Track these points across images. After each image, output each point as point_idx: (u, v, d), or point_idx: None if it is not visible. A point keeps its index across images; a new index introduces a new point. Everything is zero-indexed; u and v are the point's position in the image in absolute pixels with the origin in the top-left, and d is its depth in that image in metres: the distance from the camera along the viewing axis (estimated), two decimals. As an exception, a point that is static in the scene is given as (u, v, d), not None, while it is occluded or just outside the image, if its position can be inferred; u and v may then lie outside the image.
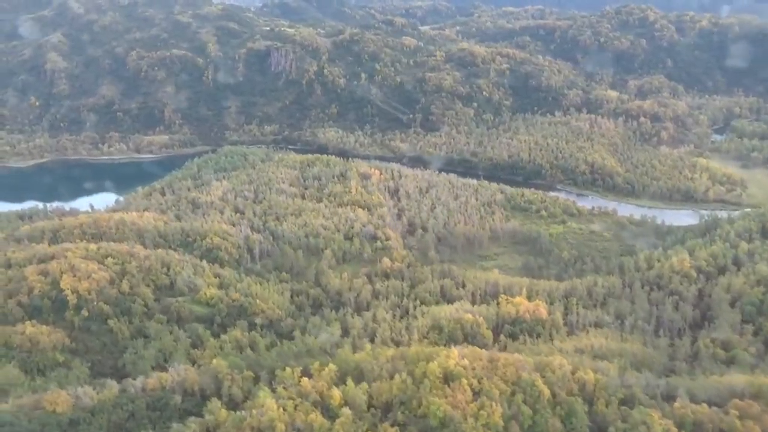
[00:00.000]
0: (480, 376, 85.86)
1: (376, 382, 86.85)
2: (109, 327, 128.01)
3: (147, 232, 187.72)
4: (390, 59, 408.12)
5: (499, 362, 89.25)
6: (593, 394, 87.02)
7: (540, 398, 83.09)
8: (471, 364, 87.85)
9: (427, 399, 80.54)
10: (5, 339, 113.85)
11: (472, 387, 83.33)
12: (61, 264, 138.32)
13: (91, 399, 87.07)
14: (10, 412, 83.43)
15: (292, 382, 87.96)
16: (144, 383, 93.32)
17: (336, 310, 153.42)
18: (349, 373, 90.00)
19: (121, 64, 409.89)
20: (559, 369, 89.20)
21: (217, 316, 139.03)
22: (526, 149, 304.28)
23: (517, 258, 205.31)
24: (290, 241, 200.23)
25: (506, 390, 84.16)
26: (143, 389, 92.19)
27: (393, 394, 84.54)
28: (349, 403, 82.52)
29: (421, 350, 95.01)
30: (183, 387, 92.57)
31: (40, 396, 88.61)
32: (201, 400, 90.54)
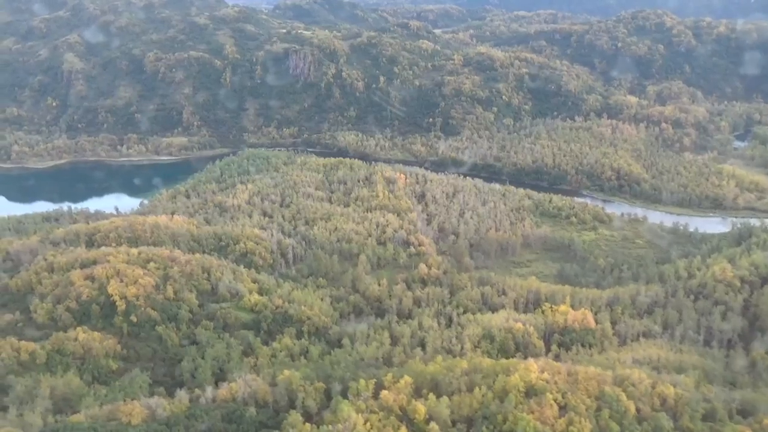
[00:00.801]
0: (563, 390, 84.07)
1: (454, 395, 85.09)
2: (157, 333, 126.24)
3: (181, 236, 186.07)
4: (408, 62, 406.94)
5: (579, 376, 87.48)
6: (675, 409, 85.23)
7: (626, 414, 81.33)
8: (552, 377, 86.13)
9: (513, 414, 78.75)
10: (59, 345, 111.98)
11: (557, 402, 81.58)
12: (107, 269, 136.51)
13: (163, 410, 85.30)
14: (85, 423, 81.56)
15: (368, 394, 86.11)
16: (215, 394, 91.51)
17: (379, 318, 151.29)
18: (424, 385, 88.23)
19: (139, 65, 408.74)
20: (639, 383, 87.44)
21: (263, 322, 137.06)
22: (550, 154, 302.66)
23: (551, 265, 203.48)
24: (322, 246, 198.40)
25: (591, 405, 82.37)
26: (214, 400, 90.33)
27: (474, 408, 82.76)
28: (433, 417, 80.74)
29: (497, 363, 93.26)
30: (255, 398, 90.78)
31: (113, 407, 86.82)
32: (274, 413, 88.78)
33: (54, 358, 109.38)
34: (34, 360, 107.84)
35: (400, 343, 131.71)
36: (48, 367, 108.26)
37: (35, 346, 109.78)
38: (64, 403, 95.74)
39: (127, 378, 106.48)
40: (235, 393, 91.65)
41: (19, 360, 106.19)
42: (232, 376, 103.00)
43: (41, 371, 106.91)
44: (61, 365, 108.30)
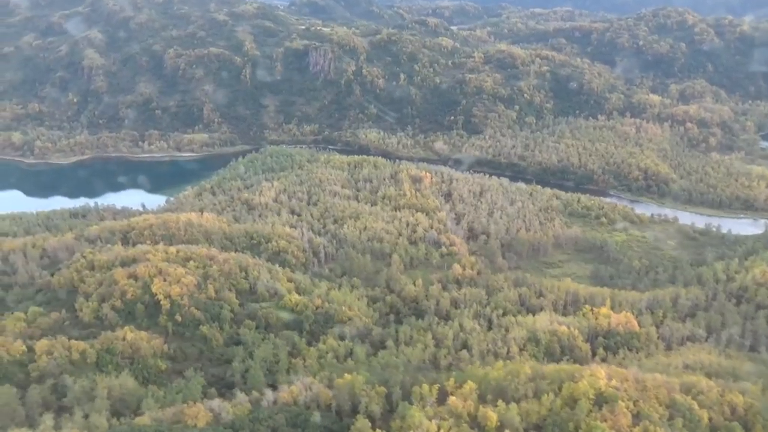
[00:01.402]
0: (634, 398, 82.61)
1: (521, 402, 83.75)
2: (202, 333, 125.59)
3: (214, 234, 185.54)
4: (428, 60, 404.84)
5: (647, 383, 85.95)
6: (745, 418, 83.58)
7: (699, 423, 79.76)
8: (621, 385, 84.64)
9: (586, 422, 77.33)
10: (108, 345, 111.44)
11: (629, 410, 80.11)
12: (149, 268, 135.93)
13: (227, 413, 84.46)
14: (151, 426, 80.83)
15: (433, 399, 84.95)
16: (276, 397, 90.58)
17: (418, 318, 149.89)
18: (488, 391, 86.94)
19: (159, 61, 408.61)
20: (708, 391, 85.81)
21: (305, 323, 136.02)
22: (575, 153, 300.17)
23: (583, 266, 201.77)
24: (353, 245, 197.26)
25: (663, 414, 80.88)
26: (275, 402, 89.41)
27: (542, 415, 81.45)
28: (505, 424, 79.48)
29: (560, 369, 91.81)
30: (317, 402, 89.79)
31: (177, 409, 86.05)
32: (337, 418, 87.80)
33: (104, 358, 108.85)
34: (84, 359, 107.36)
35: (444, 345, 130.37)
36: (98, 366, 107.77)
37: (85, 346, 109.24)
38: (121, 404, 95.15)
39: (182, 379, 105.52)
40: (297, 396, 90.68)
41: (70, 359, 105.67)
42: (288, 378, 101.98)
43: (92, 371, 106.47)
44: (111, 365, 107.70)
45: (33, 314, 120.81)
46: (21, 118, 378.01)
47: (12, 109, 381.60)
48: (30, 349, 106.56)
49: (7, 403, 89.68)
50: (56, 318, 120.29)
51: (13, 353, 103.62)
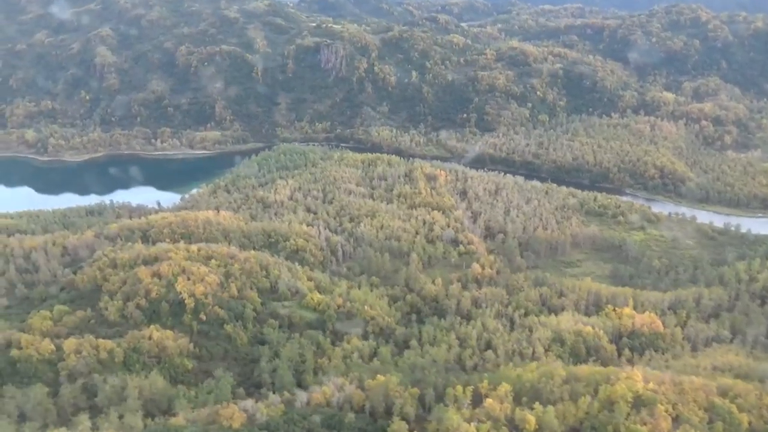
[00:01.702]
0: (673, 401, 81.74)
1: (557, 404, 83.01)
2: (226, 332, 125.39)
3: (232, 233, 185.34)
4: (440, 57, 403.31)
5: (684, 385, 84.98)
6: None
7: (739, 427, 78.85)
8: (659, 387, 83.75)
9: (625, 426, 76.59)
10: (135, 344, 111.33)
11: (668, 413, 79.24)
12: (172, 266, 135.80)
13: (261, 414, 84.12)
14: (187, 427, 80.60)
15: (467, 401, 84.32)
16: (309, 397, 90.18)
17: (440, 318, 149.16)
18: (523, 393, 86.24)
19: (171, 59, 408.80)
20: (746, 394, 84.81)
21: (328, 322, 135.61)
22: (590, 152, 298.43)
23: (602, 265, 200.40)
24: (371, 244, 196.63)
25: (703, 417, 79.99)
26: (308, 403, 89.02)
27: (579, 418, 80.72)
28: (543, 427, 78.81)
29: (595, 371, 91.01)
30: (350, 403, 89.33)
31: (212, 410, 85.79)
32: (371, 419, 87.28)
33: (131, 357, 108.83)
34: (112, 359, 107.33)
35: (468, 345, 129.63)
36: (126, 365, 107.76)
37: (113, 345, 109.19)
38: (152, 404, 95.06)
39: (212, 379, 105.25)
40: (329, 397, 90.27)
41: (98, 358, 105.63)
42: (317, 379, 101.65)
43: (119, 370, 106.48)
44: (138, 364, 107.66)
45: (58, 312, 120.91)
46: (34, 115, 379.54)
47: (25, 106, 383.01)
48: (58, 348, 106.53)
49: (39, 402, 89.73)
50: (82, 317, 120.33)
51: (42, 352, 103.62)
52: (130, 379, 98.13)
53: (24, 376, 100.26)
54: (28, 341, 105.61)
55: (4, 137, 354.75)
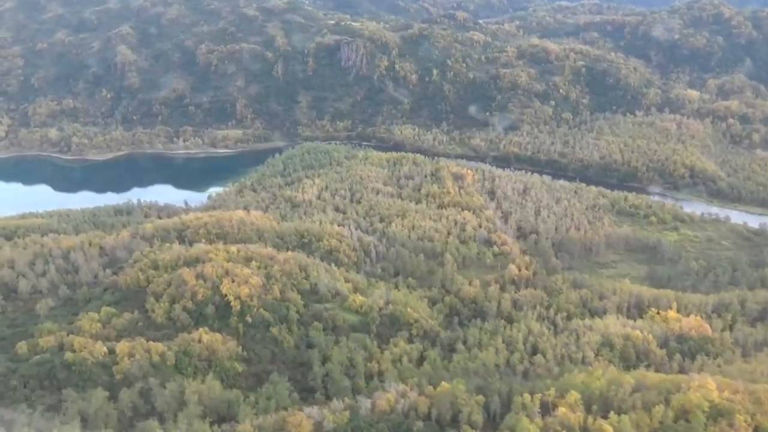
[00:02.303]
0: (750, 411, 79.86)
1: (629, 413, 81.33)
2: (272, 335, 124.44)
3: (266, 233, 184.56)
4: (461, 55, 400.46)
5: (760, 394, 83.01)
6: None
7: (821, 438, 77.00)
8: (735, 396, 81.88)
9: (705, 437, 74.98)
10: (185, 347, 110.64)
11: (747, 424, 77.41)
12: (216, 268, 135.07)
13: (328, 421, 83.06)
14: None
15: (536, 410, 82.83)
16: (373, 404, 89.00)
17: (481, 320, 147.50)
18: (593, 401, 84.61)
19: (191, 57, 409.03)
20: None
21: (372, 325, 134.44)
22: (617, 150, 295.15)
23: (637, 266, 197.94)
24: (403, 244, 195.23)
25: (783, 428, 78.25)
26: (372, 410, 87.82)
27: (654, 427, 79.07)
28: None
29: (664, 378, 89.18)
30: (415, 411, 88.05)
31: (279, 417, 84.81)
32: (438, 427, 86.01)
33: (182, 360, 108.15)
34: (164, 362, 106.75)
35: (516, 349, 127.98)
36: (177, 369, 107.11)
37: (164, 348, 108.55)
38: (210, 409, 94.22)
39: (270, 384, 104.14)
40: (393, 404, 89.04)
41: (151, 361, 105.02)
42: (374, 384, 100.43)
43: (171, 373, 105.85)
44: (190, 367, 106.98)
45: (106, 315, 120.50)
46: (56, 114, 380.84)
47: (48, 105, 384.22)
48: (111, 351, 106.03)
49: (100, 407, 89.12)
50: (129, 319, 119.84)
51: (96, 355, 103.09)
52: (188, 384, 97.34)
53: (79, 380, 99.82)
54: (81, 344, 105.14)
55: (28, 136, 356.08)
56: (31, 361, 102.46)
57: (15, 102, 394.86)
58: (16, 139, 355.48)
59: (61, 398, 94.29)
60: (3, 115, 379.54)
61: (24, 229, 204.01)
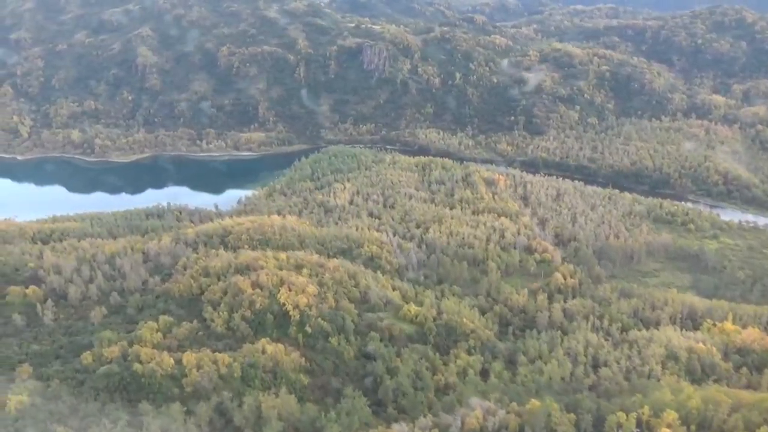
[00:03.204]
0: None
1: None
2: (332, 346, 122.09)
3: (308, 239, 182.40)
4: (483, 58, 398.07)
5: None
6: None
7: None
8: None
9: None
10: (250, 358, 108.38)
11: None
12: (270, 276, 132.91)
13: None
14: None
15: (632, 429, 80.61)
16: (462, 422, 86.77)
17: (530, 330, 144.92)
18: (690, 420, 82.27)
19: (212, 59, 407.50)
20: None
21: (429, 335, 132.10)
22: (647, 156, 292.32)
23: (680, 275, 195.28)
24: (443, 251, 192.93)
25: None
26: (462, 428, 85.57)
27: (760, 450, 76.86)
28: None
29: (761, 396, 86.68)
30: (506, 429, 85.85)
31: None
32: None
33: (248, 372, 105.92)
34: (231, 374, 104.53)
35: (578, 362, 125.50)
36: (244, 381, 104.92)
37: (229, 359, 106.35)
38: (288, 424, 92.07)
39: (344, 398, 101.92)
40: (482, 423, 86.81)
41: (219, 373, 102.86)
42: (450, 400, 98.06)
43: (238, 385, 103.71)
44: (257, 380, 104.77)
45: (165, 324, 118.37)
46: (77, 115, 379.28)
47: (69, 106, 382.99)
48: (177, 362, 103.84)
49: (180, 423, 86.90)
50: (190, 328, 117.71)
51: (164, 367, 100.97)
52: (263, 398, 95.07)
53: (149, 392, 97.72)
54: (148, 355, 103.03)
55: (51, 137, 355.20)
56: (99, 372, 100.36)
57: (36, 103, 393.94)
58: (39, 140, 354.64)
59: (135, 412, 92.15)
60: (25, 116, 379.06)
61: (59, 232, 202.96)
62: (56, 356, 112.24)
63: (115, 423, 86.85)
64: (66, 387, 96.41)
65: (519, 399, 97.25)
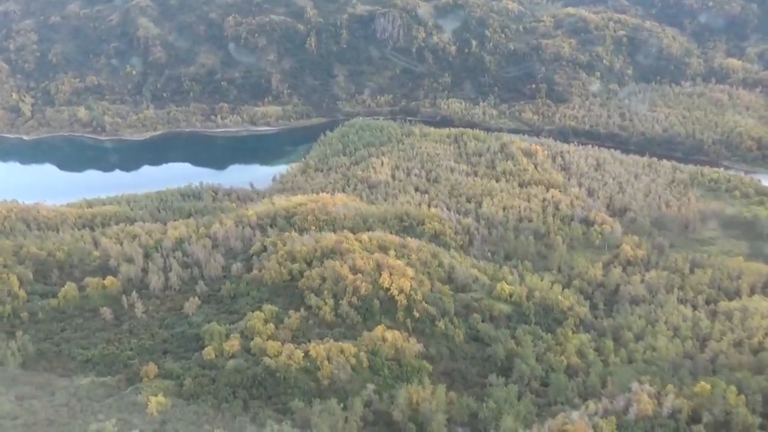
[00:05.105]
0: None
1: None
2: (439, 329, 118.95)
3: (370, 218, 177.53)
4: (498, 25, 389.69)
5: None
6: None
7: None
8: None
9: None
10: (372, 347, 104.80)
11: None
12: (366, 260, 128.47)
13: (600, 428, 78.67)
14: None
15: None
16: (636, 406, 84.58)
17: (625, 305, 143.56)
18: None
19: (217, 30, 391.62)
20: None
21: (528, 314, 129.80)
22: (678, 122, 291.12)
23: (736, 243, 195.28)
24: (503, 225, 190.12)
25: None
26: (636, 414, 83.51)
27: None
28: None
29: None
30: (680, 414, 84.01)
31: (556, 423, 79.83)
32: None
33: (375, 362, 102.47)
34: (360, 364, 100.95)
35: (684, 337, 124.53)
36: (372, 371, 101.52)
37: (354, 349, 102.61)
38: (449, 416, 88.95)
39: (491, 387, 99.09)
40: (654, 406, 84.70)
41: (351, 365, 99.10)
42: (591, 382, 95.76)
43: (368, 376, 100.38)
44: (385, 369, 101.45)
45: (270, 314, 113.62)
46: (81, 92, 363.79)
47: (70, 82, 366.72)
48: (305, 354, 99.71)
49: (345, 419, 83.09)
50: (299, 317, 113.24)
51: (296, 360, 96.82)
52: (411, 390, 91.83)
53: (286, 387, 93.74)
54: (274, 348, 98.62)
55: (56, 116, 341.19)
56: (227, 368, 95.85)
57: (34, 80, 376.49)
58: (43, 119, 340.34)
59: (281, 410, 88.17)
60: (24, 94, 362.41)
61: (100, 217, 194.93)
62: (164, 351, 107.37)
63: (263, 423, 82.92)
64: (198, 385, 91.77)
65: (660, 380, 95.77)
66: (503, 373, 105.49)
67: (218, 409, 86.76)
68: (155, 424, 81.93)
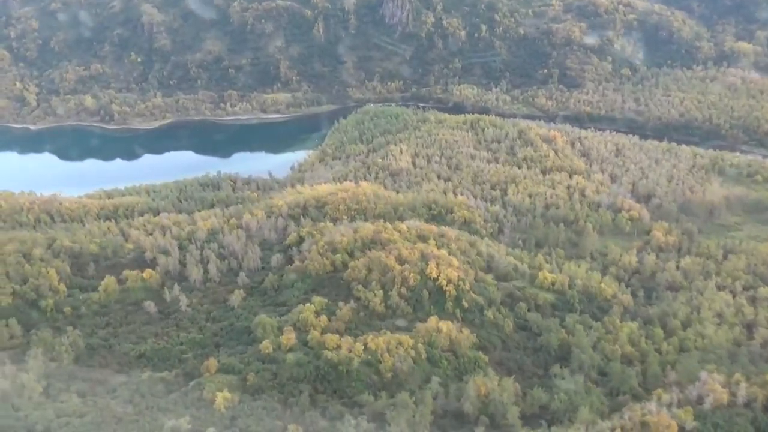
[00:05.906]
0: None
1: None
2: (489, 319, 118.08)
3: (401, 206, 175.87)
4: (507, 9, 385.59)
5: None
6: None
7: None
8: None
9: None
10: (428, 338, 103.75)
11: None
12: (411, 250, 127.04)
13: (681, 419, 78.13)
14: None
15: None
16: (713, 396, 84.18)
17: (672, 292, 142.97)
18: None
19: (223, 16, 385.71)
20: None
21: (574, 303, 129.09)
22: (694, 107, 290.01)
23: (762, 228, 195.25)
24: (531, 212, 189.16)
25: None
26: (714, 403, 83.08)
27: None
28: None
29: None
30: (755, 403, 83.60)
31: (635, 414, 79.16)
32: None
33: (432, 354, 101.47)
34: (420, 356, 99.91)
35: (731, 323, 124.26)
36: (431, 363, 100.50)
37: (411, 341, 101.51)
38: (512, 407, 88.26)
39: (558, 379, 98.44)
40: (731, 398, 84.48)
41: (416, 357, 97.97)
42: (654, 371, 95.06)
43: (427, 368, 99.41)
44: (445, 361, 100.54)
45: (321, 305, 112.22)
46: (85, 80, 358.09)
47: (74, 71, 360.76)
48: (365, 347, 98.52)
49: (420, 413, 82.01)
50: (351, 309, 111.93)
51: (357, 353, 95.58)
52: (479, 381, 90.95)
53: (351, 381, 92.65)
54: (333, 341, 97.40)
55: (62, 105, 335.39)
56: (288, 362, 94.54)
57: (37, 68, 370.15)
58: (50, 108, 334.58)
59: (348, 403, 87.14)
60: (28, 83, 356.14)
61: (123, 208, 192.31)
62: (215, 345, 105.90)
63: (335, 418, 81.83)
64: (262, 379, 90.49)
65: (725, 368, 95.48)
66: (559, 363, 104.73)
67: (285, 404, 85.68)
68: (225, 420, 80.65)
